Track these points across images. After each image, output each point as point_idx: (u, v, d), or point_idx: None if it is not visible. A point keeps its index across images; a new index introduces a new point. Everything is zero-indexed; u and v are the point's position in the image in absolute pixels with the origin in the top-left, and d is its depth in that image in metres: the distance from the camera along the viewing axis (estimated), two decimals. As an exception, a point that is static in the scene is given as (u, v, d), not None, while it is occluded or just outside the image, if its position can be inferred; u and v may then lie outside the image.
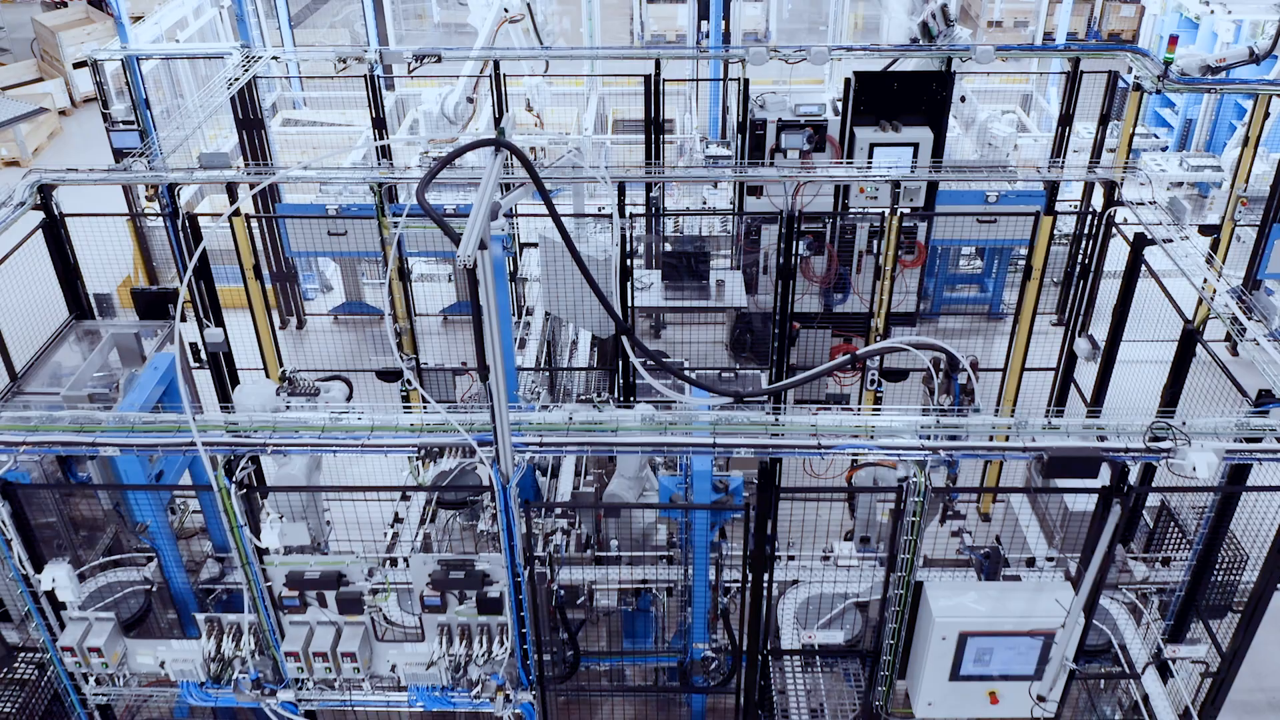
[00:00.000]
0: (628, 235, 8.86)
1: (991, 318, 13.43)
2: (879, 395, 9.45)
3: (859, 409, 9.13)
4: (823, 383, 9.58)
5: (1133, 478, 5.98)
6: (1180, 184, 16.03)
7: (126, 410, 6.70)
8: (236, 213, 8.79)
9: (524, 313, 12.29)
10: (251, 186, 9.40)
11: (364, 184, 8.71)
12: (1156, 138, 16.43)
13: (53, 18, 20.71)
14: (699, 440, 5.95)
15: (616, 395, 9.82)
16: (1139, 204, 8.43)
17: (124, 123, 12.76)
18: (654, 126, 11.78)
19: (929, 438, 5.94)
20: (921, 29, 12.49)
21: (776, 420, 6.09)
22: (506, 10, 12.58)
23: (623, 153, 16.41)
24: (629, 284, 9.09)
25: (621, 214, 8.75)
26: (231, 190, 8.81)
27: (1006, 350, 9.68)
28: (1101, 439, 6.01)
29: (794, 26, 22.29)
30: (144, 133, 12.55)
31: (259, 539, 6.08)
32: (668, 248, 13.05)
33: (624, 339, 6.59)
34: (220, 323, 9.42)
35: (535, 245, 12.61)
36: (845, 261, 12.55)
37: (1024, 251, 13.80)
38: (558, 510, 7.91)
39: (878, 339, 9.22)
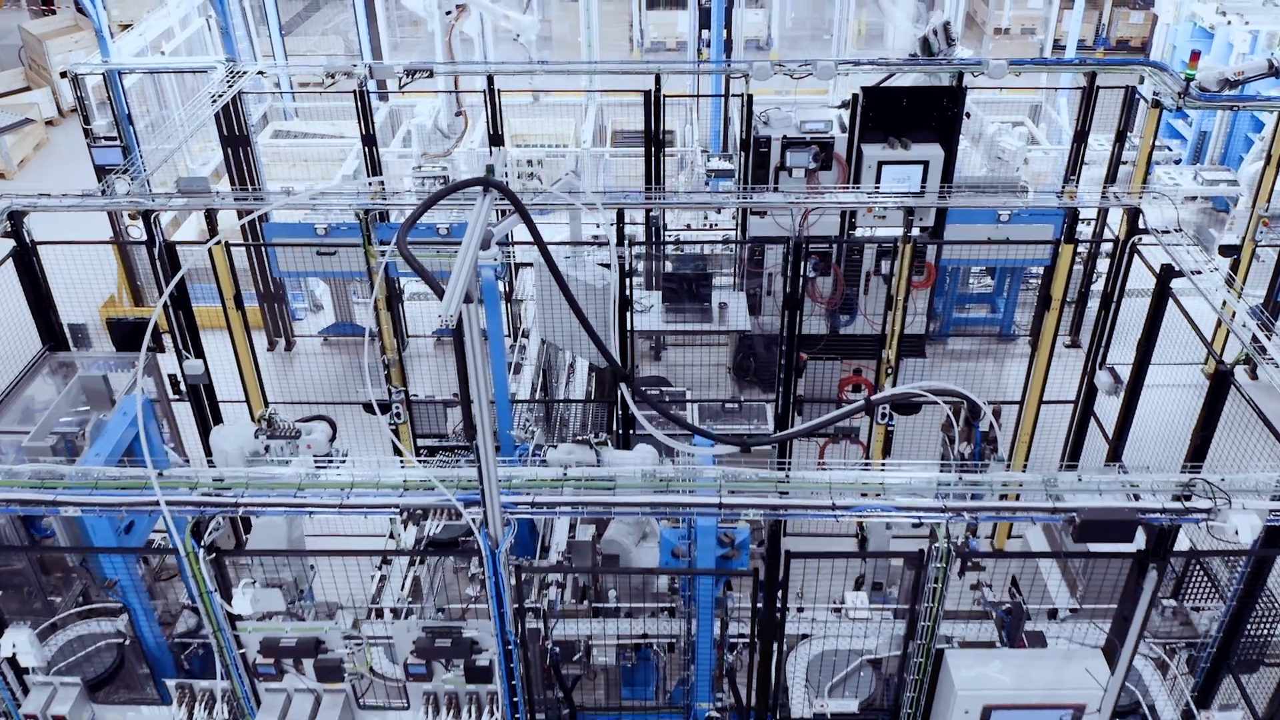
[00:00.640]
0: (627, 262, 8.42)
1: (1003, 339, 13.00)
2: (890, 430, 9.03)
3: (870, 461, 8.73)
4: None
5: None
6: (1194, 198, 15.64)
7: (91, 463, 6.29)
8: (218, 242, 8.36)
9: (519, 335, 11.87)
10: (241, 214, 9.01)
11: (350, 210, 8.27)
12: (1169, 150, 16.00)
13: (40, 25, 20.28)
14: (704, 500, 5.53)
15: (616, 428, 9.40)
16: (1163, 231, 8.00)
17: (106, 138, 12.34)
18: (654, 143, 11.36)
19: (950, 496, 5.52)
20: (922, 46, 12.06)
21: (786, 476, 5.67)
22: (449, 13, 12.16)
23: (622, 166, 16.01)
24: (628, 313, 8.66)
25: (620, 241, 8.32)
26: (211, 216, 8.37)
27: (1025, 378, 9.23)
28: (1135, 496, 5.60)
29: (796, 34, 21.88)
30: (126, 149, 12.13)
31: (231, 605, 5.66)
32: (668, 267, 12.65)
33: (622, 387, 6.16)
34: (200, 353, 9.02)
35: (531, 265, 12.22)
36: (852, 283, 12.15)
37: (1036, 270, 13.46)
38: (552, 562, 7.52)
39: (888, 372, 8.79)
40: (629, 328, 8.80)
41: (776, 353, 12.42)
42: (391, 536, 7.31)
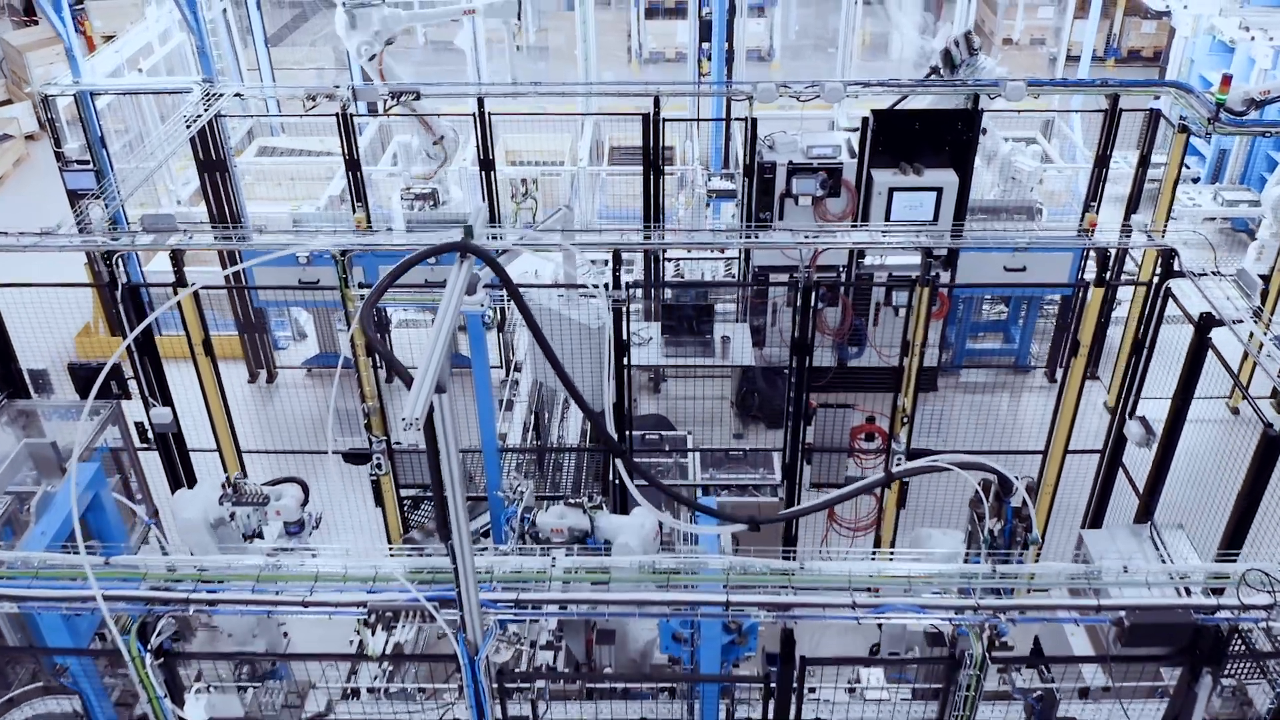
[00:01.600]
0: (624, 305, 7.85)
1: (1018, 371, 12.43)
2: (905, 483, 8.46)
3: (884, 554, 8.15)
4: (842, 466, 8.61)
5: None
6: (1213, 218, 15.07)
7: (35, 543, 5.72)
8: (182, 282, 7.79)
9: (511, 368, 11.30)
10: (227, 260, 8.40)
11: (330, 249, 7.70)
12: (1187, 168, 15.38)
13: (21, 37, 19.68)
14: (709, 598, 4.95)
15: (613, 476, 8.82)
16: (1201, 275, 7.43)
17: (78, 162, 11.76)
18: (653, 170, 10.78)
19: (980, 592, 4.95)
20: (943, 57, 11.48)
21: (800, 565, 5.10)
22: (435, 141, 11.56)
23: (620, 185, 15.41)
24: (625, 358, 8.09)
25: (616, 283, 7.75)
26: (178, 257, 7.81)
27: (1046, 417, 8.63)
28: (1186, 590, 5.04)
29: (799, 44, 21.30)
30: (100, 173, 11.55)
31: (183, 711, 5.09)
32: (668, 294, 12.07)
33: (618, 462, 5.59)
34: (168, 400, 8.45)
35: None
36: (861, 313, 11.58)
37: (1053, 296, 12.88)
38: (543, 628, 6.95)
39: (904, 421, 8.22)
40: (626, 371, 8.22)
41: (782, 387, 11.89)
42: (360, 650, 6.69)
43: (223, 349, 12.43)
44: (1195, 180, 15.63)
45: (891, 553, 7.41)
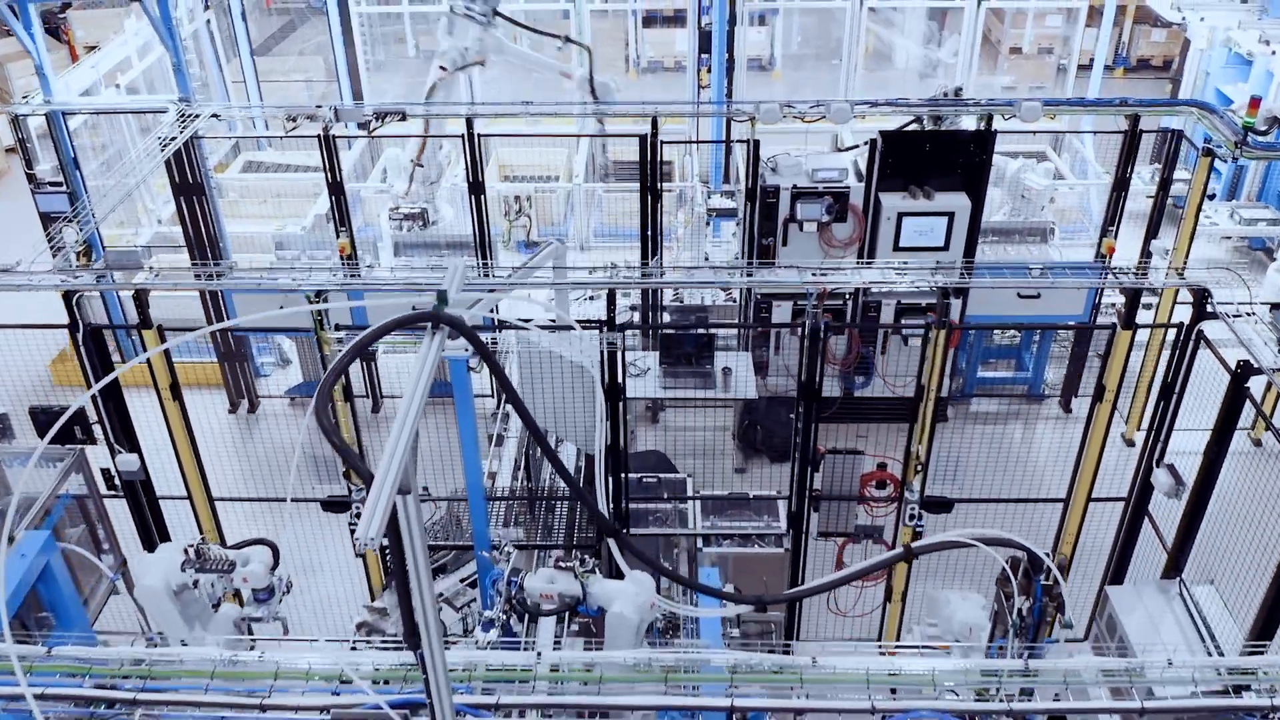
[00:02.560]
0: (619, 348, 7.36)
1: (1031, 399, 11.93)
2: (918, 531, 7.97)
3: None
4: (852, 514, 8.12)
5: None
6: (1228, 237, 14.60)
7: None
8: (146, 324, 7.29)
9: (503, 400, 10.80)
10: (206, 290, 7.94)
11: (302, 290, 7.21)
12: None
13: (0, 47, 19.17)
14: (712, 704, 4.46)
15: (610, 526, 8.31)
16: (1235, 316, 6.94)
17: (50, 183, 11.26)
18: (650, 193, 10.28)
19: (1006, 689, 4.46)
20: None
21: (813, 661, 4.61)
22: (412, 160, 11.37)
23: (617, 202, 14.92)
24: (621, 407, 7.60)
25: (611, 324, 7.26)
26: (141, 298, 7.30)
27: (1074, 463, 8.09)
28: (1237, 689, 4.55)
29: (801, 53, 20.80)
30: (73, 195, 11.06)
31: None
32: (666, 318, 11.59)
33: (611, 541, 5.10)
34: (135, 447, 7.95)
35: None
36: (868, 342, 11.10)
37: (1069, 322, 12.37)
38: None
39: (918, 469, 7.73)
40: (623, 420, 7.73)
41: (786, 419, 11.39)
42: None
43: (201, 377, 12.00)
44: (1211, 197, 15.13)
45: (900, 645, 6.92)
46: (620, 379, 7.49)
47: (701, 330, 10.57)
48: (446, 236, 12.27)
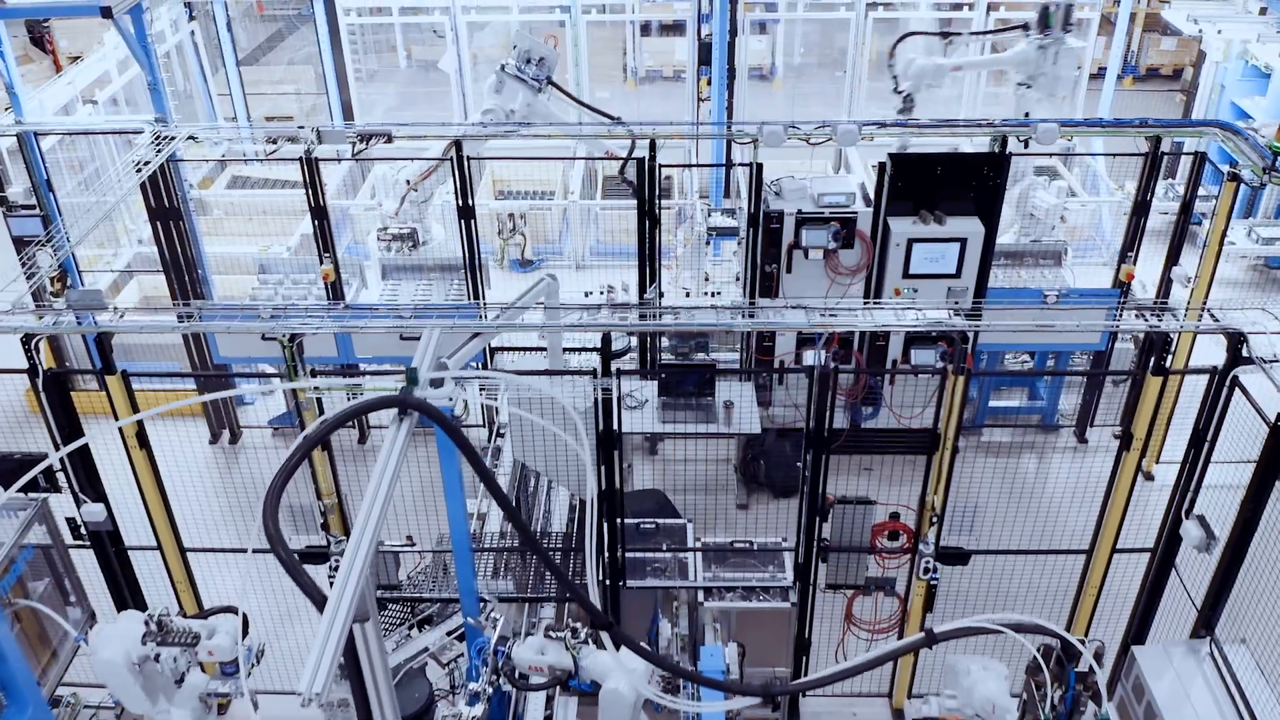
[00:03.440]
0: (614, 394, 6.90)
1: (1045, 429, 11.47)
2: (933, 585, 7.52)
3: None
4: (862, 565, 7.66)
5: None
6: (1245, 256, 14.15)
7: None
8: (109, 369, 6.83)
9: (494, 433, 10.33)
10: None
11: (272, 331, 6.75)
12: (1216, 200, 14.47)
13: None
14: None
15: (603, 578, 7.86)
16: (1273, 360, 6.48)
17: (23, 206, 10.80)
18: (648, 219, 9.83)
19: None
20: (1040, 15, 10.85)
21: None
22: (409, 181, 10.95)
23: (614, 219, 14.49)
24: (616, 454, 7.13)
25: (605, 369, 6.80)
26: (104, 341, 6.84)
27: (1100, 509, 7.63)
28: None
29: (804, 62, 20.34)
30: (47, 219, 10.60)
31: None
32: (665, 344, 11.12)
33: (607, 634, 4.64)
34: (100, 496, 7.48)
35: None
36: (876, 371, 10.62)
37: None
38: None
39: (933, 520, 7.27)
40: (618, 467, 7.27)
41: (790, 452, 10.93)
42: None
43: (182, 405, 11.51)
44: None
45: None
46: (615, 426, 7.02)
47: (702, 361, 10.13)
48: (436, 259, 11.80)
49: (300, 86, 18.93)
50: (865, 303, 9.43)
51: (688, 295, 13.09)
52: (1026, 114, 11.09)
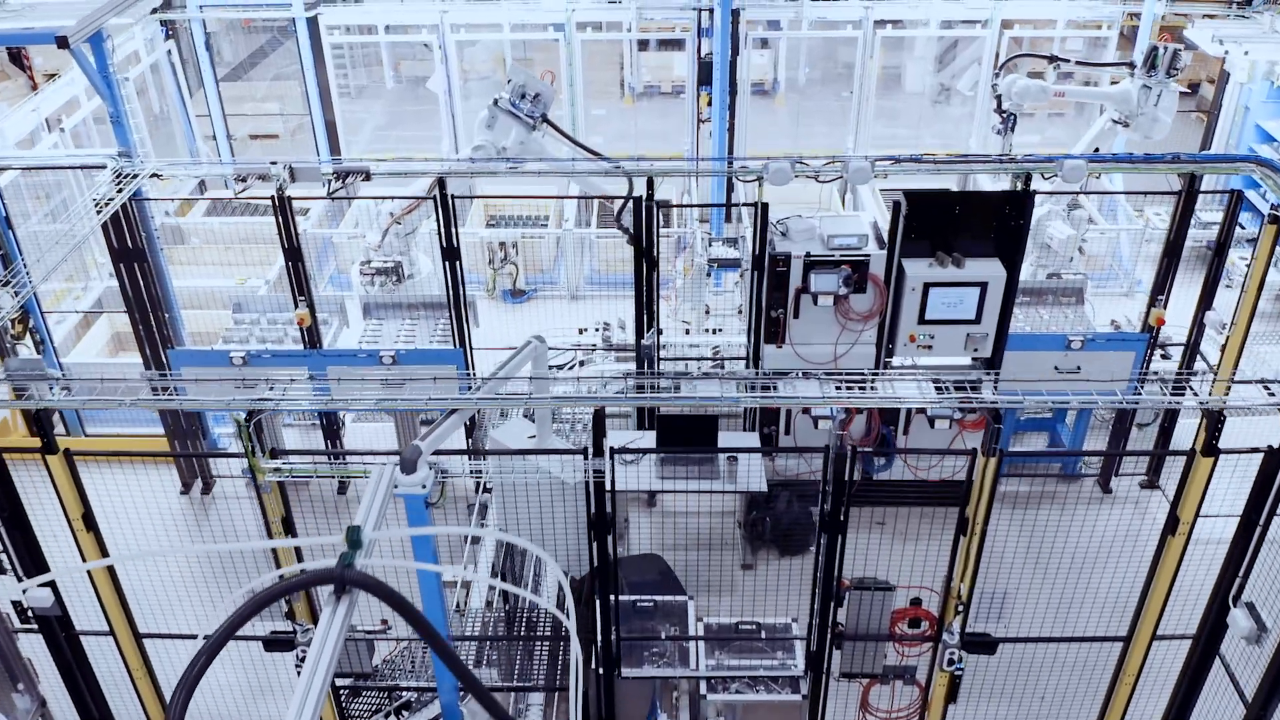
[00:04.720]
0: (609, 474, 6.26)
1: (1067, 479, 10.83)
2: (957, 675, 6.87)
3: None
4: (880, 653, 7.02)
5: None
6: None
7: None
8: (50, 448, 6.18)
9: (480, 487, 9.69)
10: (150, 359, 6.81)
11: (235, 410, 6.12)
12: (1241, 228, 13.83)
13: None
14: None
15: (595, 664, 7.21)
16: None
17: (-19, 245, 10.15)
18: (646, 259, 9.19)
19: None
20: (1147, 55, 10.86)
21: None
22: (392, 214, 10.49)
23: (609, 249, 13.85)
24: (610, 538, 6.49)
25: (599, 449, 6.15)
26: (44, 418, 6.19)
27: (1141, 593, 6.97)
28: None
29: (808, 77, 19.70)
30: (7, 257, 9.95)
31: None
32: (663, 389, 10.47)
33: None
34: (47, 575, 6.82)
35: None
36: (889, 421, 9.99)
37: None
38: None
39: (959, 609, 6.63)
40: (613, 550, 6.62)
41: (796, 506, 10.29)
42: None
43: (152, 448, 10.88)
44: (1250, 242, 14.04)
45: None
46: (609, 509, 6.37)
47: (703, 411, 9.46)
48: (421, 296, 11.16)
49: (285, 104, 18.26)
50: (884, 364, 8.76)
51: (688, 332, 12.48)
52: (1097, 149, 11.34)
